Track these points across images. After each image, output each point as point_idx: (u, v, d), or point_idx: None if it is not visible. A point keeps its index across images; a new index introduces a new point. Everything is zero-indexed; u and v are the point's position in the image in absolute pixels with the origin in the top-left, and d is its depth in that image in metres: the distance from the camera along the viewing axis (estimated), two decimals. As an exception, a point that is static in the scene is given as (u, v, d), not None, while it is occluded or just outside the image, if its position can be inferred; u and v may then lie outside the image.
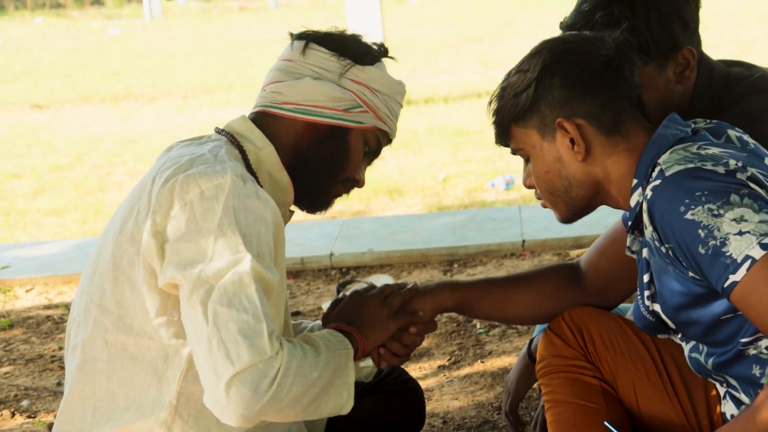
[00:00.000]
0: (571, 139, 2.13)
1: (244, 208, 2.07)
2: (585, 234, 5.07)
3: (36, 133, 9.89)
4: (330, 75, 2.27)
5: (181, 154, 2.19)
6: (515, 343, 3.94)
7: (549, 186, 2.19)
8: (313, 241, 5.37)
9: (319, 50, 2.29)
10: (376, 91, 2.30)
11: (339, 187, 2.35)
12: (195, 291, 2.02)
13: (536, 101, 2.14)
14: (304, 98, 2.27)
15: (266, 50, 14.91)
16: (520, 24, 15.85)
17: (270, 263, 2.07)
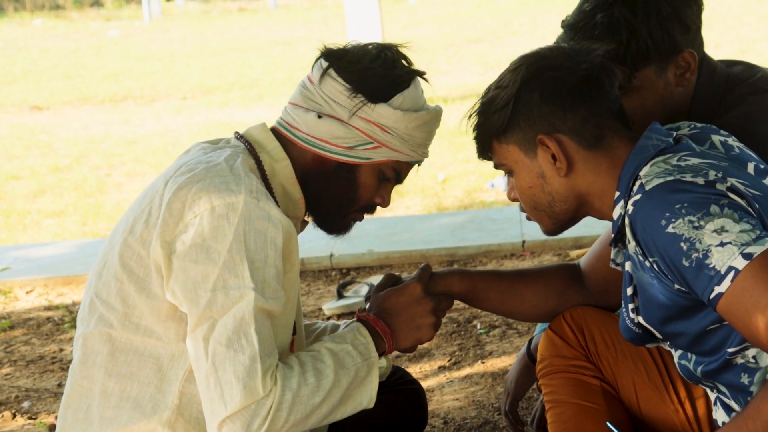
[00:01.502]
0: (552, 155, 2.12)
1: (255, 232, 2.08)
2: (585, 234, 5.07)
3: (35, 134, 9.89)
4: (340, 111, 2.25)
5: (198, 161, 2.19)
6: (515, 343, 3.95)
7: (532, 201, 2.20)
8: (313, 241, 5.35)
9: (336, 81, 2.26)
10: (387, 128, 2.27)
11: (355, 215, 2.37)
12: (199, 325, 2.06)
13: (515, 117, 2.14)
14: (311, 131, 2.27)
15: (265, 51, 14.91)
16: (520, 25, 15.85)
17: (275, 287, 2.10)
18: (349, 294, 4.62)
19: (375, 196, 2.34)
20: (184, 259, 2.08)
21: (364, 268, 5.06)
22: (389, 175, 2.32)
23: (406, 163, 2.34)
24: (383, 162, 2.29)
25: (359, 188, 2.30)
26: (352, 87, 2.24)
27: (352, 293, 4.62)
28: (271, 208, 2.11)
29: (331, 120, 2.25)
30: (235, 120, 9.82)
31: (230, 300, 2.05)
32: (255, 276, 2.06)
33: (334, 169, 2.28)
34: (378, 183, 2.32)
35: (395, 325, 2.29)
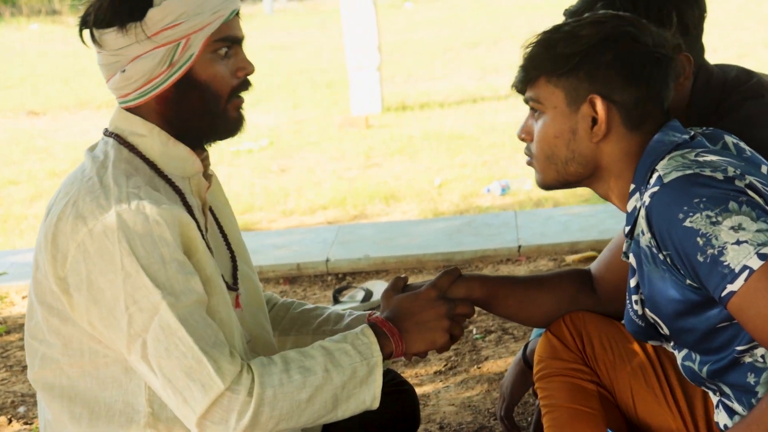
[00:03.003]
0: (593, 118, 2.09)
1: (139, 238, 2.03)
2: (581, 239, 5.08)
3: (33, 139, 9.89)
4: (131, 51, 2.12)
5: (74, 179, 2.14)
6: (511, 348, 3.95)
7: (550, 151, 2.14)
8: (309, 247, 5.38)
9: (104, 35, 2.13)
10: (175, 21, 2.11)
11: (233, 105, 2.22)
12: (132, 347, 2.03)
13: (579, 67, 2.08)
14: (133, 85, 2.15)
15: (262, 56, 14.92)
16: (517, 29, 15.87)
17: (184, 279, 2.04)
18: (345, 299, 4.62)
19: (232, 75, 2.20)
20: (87, 290, 2.05)
21: (360, 273, 5.06)
22: (221, 47, 2.17)
23: (225, 24, 2.17)
24: (205, 45, 2.14)
25: (211, 84, 2.17)
26: (116, 26, 2.12)
27: (348, 298, 4.62)
28: (146, 206, 2.04)
29: (134, 63, 2.13)
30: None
31: (146, 314, 2.01)
32: (158, 280, 2.02)
33: (178, 92, 2.16)
34: (221, 63, 2.18)
35: (406, 328, 2.23)
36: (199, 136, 2.21)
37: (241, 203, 6.86)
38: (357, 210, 6.55)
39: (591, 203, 6.16)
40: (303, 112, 10.47)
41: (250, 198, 7.02)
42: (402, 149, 8.24)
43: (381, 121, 9.54)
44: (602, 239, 5.06)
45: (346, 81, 10.81)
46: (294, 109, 10.68)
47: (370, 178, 7.41)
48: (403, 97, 10.75)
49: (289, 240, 5.56)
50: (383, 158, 8.07)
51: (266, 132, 9.47)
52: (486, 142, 8.24)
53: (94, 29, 2.14)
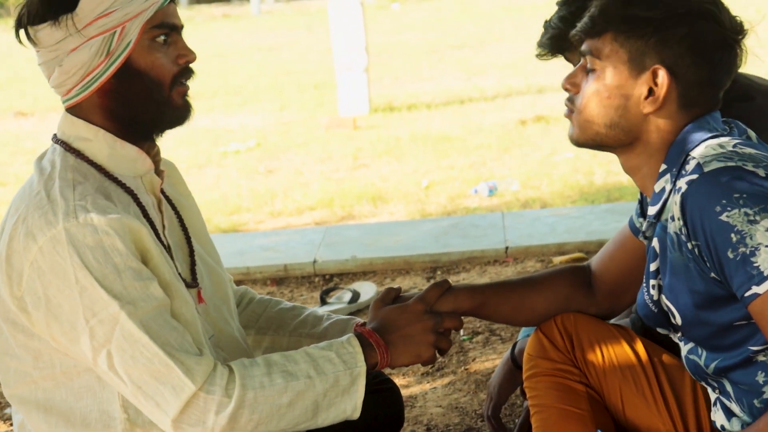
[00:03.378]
0: (650, 89, 2.03)
1: (90, 250, 2.01)
2: (568, 240, 5.09)
3: (20, 141, 9.88)
4: (66, 44, 2.10)
5: (23, 194, 2.12)
6: (499, 349, 3.96)
7: (597, 109, 2.08)
8: (295, 248, 5.38)
9: (37, 31, 2.10)
10: (107, 10, 2.08)
11: (176, 92, 2.18)
12: (97, 359, 2.03)
13: (652, 34, 2.01)
14: (72, 80, 2.12)
15: (249, 57, 14.91)
16: (503, 31, 15.89)
17: (141, 286, 2.03)
18: (332, 300, 4.62)
19: (172, 62, 2.16)
20: (45, 307, 2.04)
21: (348, 274, 5.06)
22: (159, 34, 2.14)
23: (160, 11, 2.14)
24: (141, 32, 2.11)
25: (150, 72, 2.14)
26: (49, 20, 2.09)
27: (335, 299, 4.63)
28: (94, 218, 2.02)
29: (70, 56, 2.10)
30: (218, 126, 9.82)
31: (107, 326, 2.01)
32: (114, 290, 2.01)
33: (119, 82, 2.13)
34: (161, 51, 2.15)
35: (392, 340, 2.23)
36: (146, 126, 2.18)
37: (229, 204, 6.86)
38: (344, 211, 6.55)
39: (578, 205, 6.17)
40: (290, 114, 10.47)
41: (237, 199, 7.02)
42: (389, 150, 8.25)
43: (368, 122, 9.54)
44: (589, 240, 5.07)
45: (333, 82, 10.82)
46: (281, 111, 10.68)
47: (357, 179, 7.41)
48: (391, 98, 10.76)
49: (276, 241, 5.56)
50: (371, 159, 8.07)
51: (253, 133, 9.47)
52: (473, 144, 8.25)
53: (29, 27, 2.12)
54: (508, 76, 11.70)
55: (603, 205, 5.84)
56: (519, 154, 7.77)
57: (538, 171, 7.14)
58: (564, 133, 8.75)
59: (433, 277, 4.90)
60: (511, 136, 8.41)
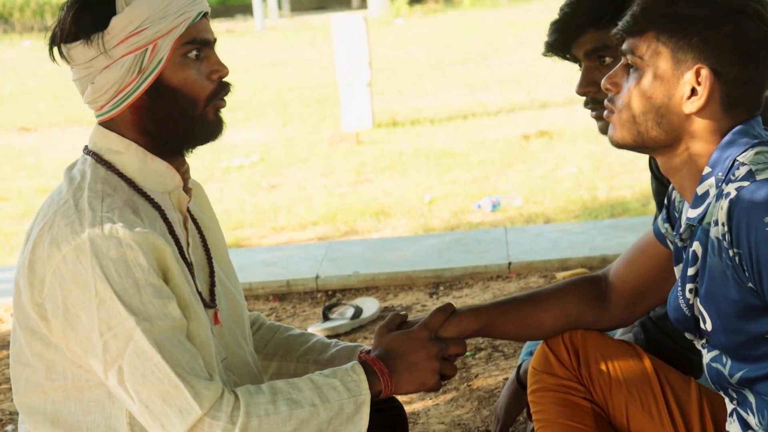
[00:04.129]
0: (693, 89, 1.98)
1: (113, 262, 2.01)
2: (571, 256, 5.08)
3: (23, 155, 9.88)
4: (99, 62, 2.10)
5: (51, 201, 2.13)
6: (501, 365, 3.95)
7: (639, 108, 2.03)
8: (298, 263, 5.37)
9: (72, 48, 2.11)
10: (139, 27, 2.08)
11: (212, 107, 2.18)
12: (108, 373, 2.03)
13: (696, 33, 1.97)
14: (105, 96, 2.13)
15: (253, 72, 14.93)
16: (506, 46, 15.91)
17: (160, 303, 2.03)
18: (334, 316, 4.61)
19: (206, 78, 2.16)
20: (63, 316, 2.04)
21: (350, 290, 5.05)
22: (191, 50, 2.13)
23: (192, 27, 2.13)
24: (173, 49, 2.11)
25: (183, 89, 2.14)
26: (82, 38, 2.10)
27: (338, 315, 4.62)
28: (120, 230, 2.02)
29: (103, 73, 2.11)
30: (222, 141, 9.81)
31: (121, 341, 2.01)
32: (132, 306, 2.01)
33: (151, 99, 2.13)
34: (193, 67, 2.14)
35: (396, 368, 2.22)
36: (178, 142, 2.19)
37: (232, 219, 6.85)
38: (347, 226, 6.55)
39: (581, 220, 6.17)
40: (293, 128, 10.47)
41: (240, 214, 7.02)
42: (392, 165, 8.25)
43: (371, 137, 9.55)
44: (592, 256, 5.06)
45: (336, 97, 10.82)
46: (284, 126, 10.69)
47: (360, 194, 7.41)
48: (394, 113, 10.77)
49: (278, 256, 5.55)
50: (374, 174, 8.07)
51: (257, 148, 9.48)
52: (476, 159, 8.25)
53: (62, 45, 2.13)
54: (511, 91, 11.70)
55: (606, 221, 5.84)
56: (522, 169, 7.77)
57: (541, 186, 7.14)
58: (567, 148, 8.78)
59: (436, 293, 4.89)
60: (514, 151, 8.41)
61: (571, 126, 9.21)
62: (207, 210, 2.40)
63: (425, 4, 23.44)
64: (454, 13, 21.97)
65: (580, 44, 2.66)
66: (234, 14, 26.50)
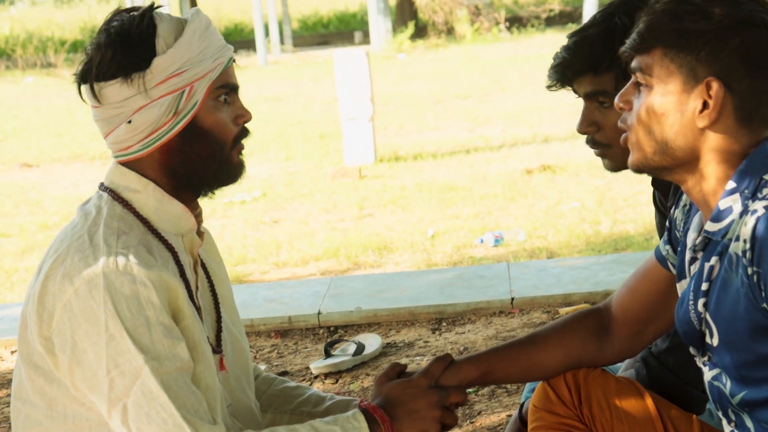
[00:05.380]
0: (705, 102, 1.95)
1: (125, 299, 2.01)
2: (574, 291, 5.06)
3: (25, 192, 9.88)
4: (136, 101, 2.11)
5: (64, 236, 2.12)
6: (504, 402, 3.91)
7: (652, 127, 2.00)
8: (300, 299, 5.35)
9: (105, 87, 2.12)
10: (179, 69, 2.11)
11: (234, 151, 2.21)
12: (113, 410, 2.02)
13: (703, 47, 1.94)
14: (138, 136, 2.13)
15: (255, 107, 14.93)
16: (508, 81, 15.93)
17: (170, 344, 2.03)
18: (336, 352, 4.58)
19: (232, 123, 2.19)
20: (71, 351, 2.03)
21: (352, 326, 5.03)
22: (221, 94, 2.18)
23: (225, 71, 2.18)
24: (207, 93, 2.15)
25: (215, 131, 2.16)
26: (120, 77, 2.11)
27: (340, 351, 4.59)
28: (134, 267, 2.02)
29: (140, 113, 2.11)
30: (224, 177, 9.81)
31: (128, 379, 2.00)
32: (142, 344, 2.00)
33: (183, 141, 2.15)
34: (223, 110, 2.18)
35: (397, 416, 2.21)
36: (204, 183, 2.21)
37: (234, 255, 6.83)
38: (350, 261, 6.53)
39: (585, 254, 6.14)
40: (296, 163, 10.47)
41: (242, 250, 7.00)
42: (395, 200, 8.23)
43: (374, 171, 9.54)
44: (595, 291, 5.04)
45: (338, 132, 10.83)
46: (287, 160, 10.69)
47: (362, 228, 7.40)
48: (396, 147, 10.76)
49: (280, 293, 5.53)
50: (376, 209, 8.06)
51: (259, 183, 9.47)
52: (479, 193, 8.24)
53: (95, 83, 2.13)
54: (514, 126, 11.71)
55: (609, 256, 5.81)
56: (525, 203, 7.76)
57: (544, 221, 7.12)
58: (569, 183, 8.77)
59: (438, 329, 4.87)
60: (517, 185, 8.40)
61: (574, 160, 9.20)
62: (214, 256, 2.40)
63: (427, 39, 23.50)
64: (456, 48, 22.02)
65: (579, 86, 2.68)
66: (237, 49, 26.55)
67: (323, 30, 29.65)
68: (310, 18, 30.72)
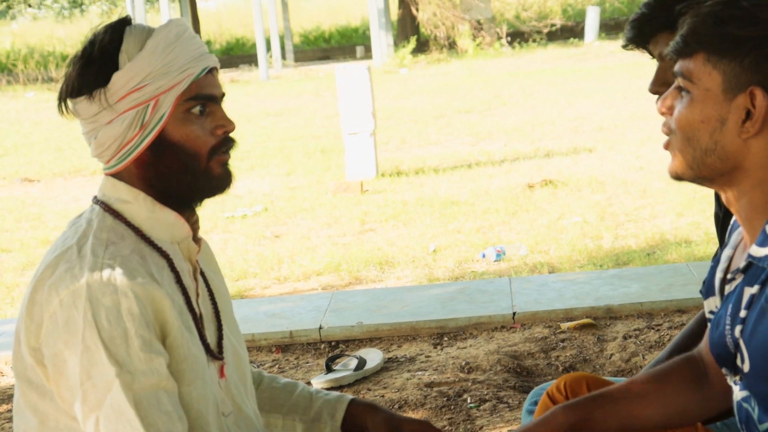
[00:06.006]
0: (748, 112, 1.87)
1: (105, 309, 1.99)
2: (576, 306, 5.05)
3: (26, 207, 9.87)
4: (102, 117, 2.10)
5: (54, 248, 2.12)
6: (506, 417, 3.90)
7: (692, 135, 1.92)
8: (301, 314, 5.33)
9: (75, 103, 2.13)
10: (141, 83, 2.08)
11: (215, 161, 2.16)
12: (87, 423, 2.00)
13: (748, 54, 1.86)
14: (109, 150, 2.13)
15: (257, 122, 14.96)
16: (510, 95, 15.94)
17: (147, 358, 2.00)
18: (338, 367, 4.57)
19: (210, 134, 2.15)
20: (54, 361, 2.02)
21: (354, 341, 5.01)
22: (194, 106, 2.13)
23: (195, 82, 2.13)
24: (176, 105, 2.11)
25: (186, 144, 2.12)
26: (85, 94, 2.11)
27: (341, 366, 4.57)
28: (118, 278, 2.01)
29: (105, 128, 2.11)
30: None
31: (100, 391, 1.98)
32: (117, 356, 1.98)
33: (153, 155, 2.13)
34: (196, 122, 2.13)
35: None
36: (183, 196, 2.18)
37: (235, 270, 6.82)
38: (351, 276, 6.52)
39: (586, 269, 6.13)
40: (297, 178, 10.47)
41: (244, 264, 6.99)
42: (396, 215, 8.22)
43: (375, 186, 9.54)
44: (597, 306, 5.03)
45: (340, 147, 10.83)
46: (288, 175, 10.68)
47: (364, 243, 7.38)
48: (398, 162, 10.76)
49: (281, 307, 5.52)
50: (378, 224, 8.05)
51: (261, 198, 9.46)
52: (481, 208, 8.23)
53: (69, 100, 2.15)
54: (516, 141, 11.71)
55: (611, 270, 5.80)
56: (527, 218, 7.75)
57: (545, 235, 7.11)
58: (571, 197, 8.77)
59: (440, 344, 4.85)
60: (519, 200, 8.39)
61: (575, 175, 9.19)
62: (212, 266, 2.38)
63: (429, 53, 23.54)
64: (458, 63, 22.05)
65: (655, 44, 2.66)
66: (238, 64, 26.62)
67: (325, 44, 29.70)
68: (311, 32, 30.77)
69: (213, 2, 40.48)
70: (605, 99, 14.27)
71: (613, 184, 8.70)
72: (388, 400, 4.15)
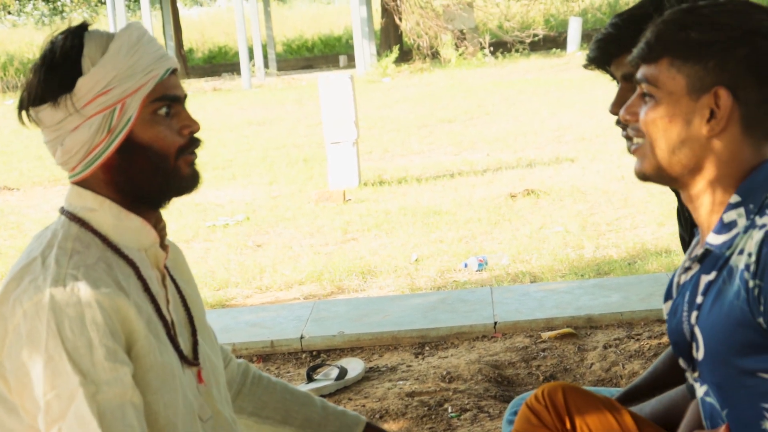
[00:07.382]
0: (712, 111, 1.94)
1: (69, 319, 1.97)
2: (556, 315, 5.06)
3: (5, 215, 9.83)
4: (68, 123, 2.09)
5: (20, 260, 2.11)
6: (486, 426, 3.90)
7: (660, 134, 1.98)
8: (282, 324, 5.32)
9: (39, 112, 2.11)
10: (106, 87, 2.08)
11: (182, 160, 2.16)
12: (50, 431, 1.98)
13: (710, 57, 1.93)
14: (76, 156, 2.12)
15: (239, 131, 14.93)
16: (492, 105, 15.97)
17: (112, 367, 1.98)
18: (319, 377, 4.56)
19: (176, 134, 2.14)
20: (17, 372, 2.00)
21: (335, 350, 5.00)
22: (160, 107, 2.12)
23: (160, 84, 2.12)
24: (142, 107, 2.10)
25: (154, 145, 2.12)
26: (49, 101, 2.09)
27: (322, 376, 4.57)
28: (81, 288, 1.99)
29: (72, 134, 2.10)
30: (208, 200, 9.79)
31: (63, 402, 1.95)
32: (81, 366, 1.96)
33: (122, 158, 2.12)
34: (163, 123, 2.13)
35: None
36: (153, 197, 2.17)
37: (217, 279, 6.80)
38: (333, 285, 6.51)
39: (568, 279, 6.14)
40: (279, 187, 10.45)
41: (225, 274, 6.97)
42: (379, 224, 8.22)
43: (358, 195, 9.53)
44: (578, 315, 5.04)
45: (323, 156, 10.82)
46: (270, 184, 10.67)
47: (346, 252, 7.38)
48: (381, 172, 10.76)
49: (263, 317, 5.51)
50: (360, 233, 8.04)
51: (242, 207, 9.45)
52: (463, 217, 8.23)
53: (31, 108, 2.12)
54: (498, 150, 11.72)
55: (592, 280, 5.81)
56: (509, 228, 7.75)
57: (527, 245, 7.11)
58: (553, 207, 8.77)
59: (421, 353, 4.85)
60: (501, 210, 8.40)
61: (557, 185, 9.21)
62: (184, 273, 2.36)
63: (412, 63, 23.55)
64: (441, 73, 22.08)
65: (618, 65, 2.66)
66: (221, 73, 26.60)
67: (308, 53, 29.71)
68: (294, 41, 30.77)
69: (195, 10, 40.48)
70: (587, 109, 14.30)
71: (595, 194, 8.72)
72: (369, 410, 4.15)
